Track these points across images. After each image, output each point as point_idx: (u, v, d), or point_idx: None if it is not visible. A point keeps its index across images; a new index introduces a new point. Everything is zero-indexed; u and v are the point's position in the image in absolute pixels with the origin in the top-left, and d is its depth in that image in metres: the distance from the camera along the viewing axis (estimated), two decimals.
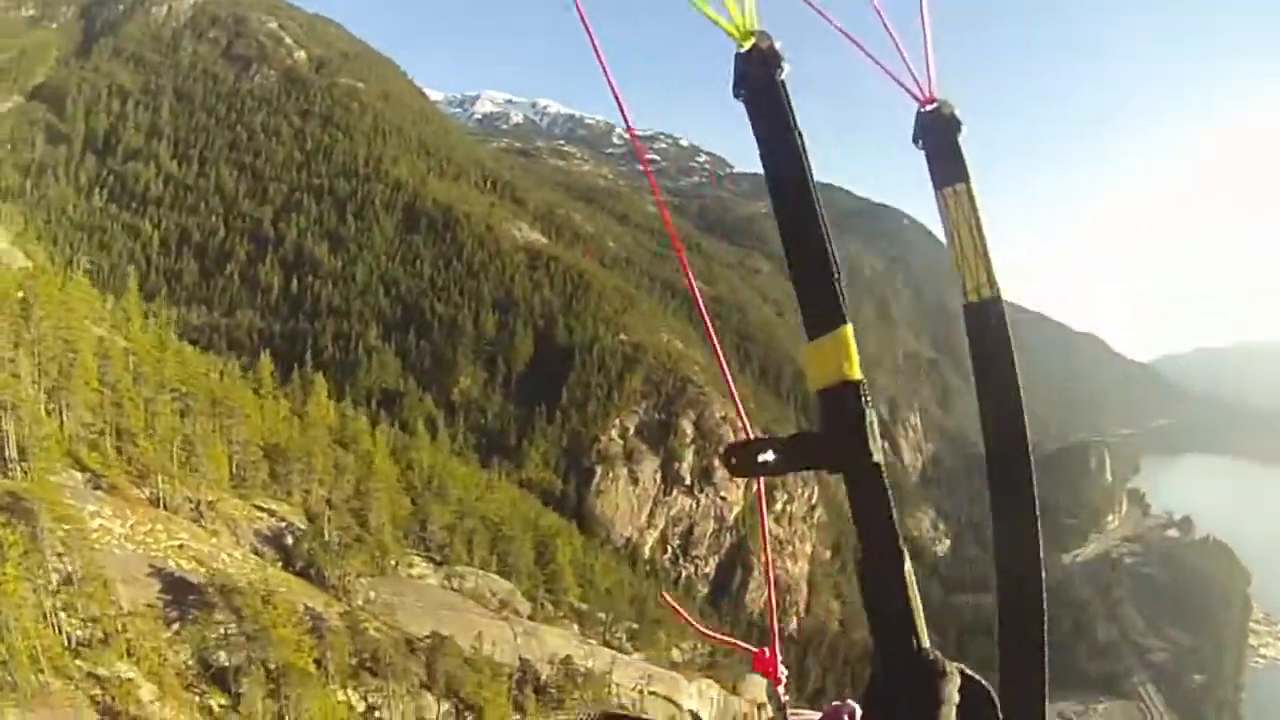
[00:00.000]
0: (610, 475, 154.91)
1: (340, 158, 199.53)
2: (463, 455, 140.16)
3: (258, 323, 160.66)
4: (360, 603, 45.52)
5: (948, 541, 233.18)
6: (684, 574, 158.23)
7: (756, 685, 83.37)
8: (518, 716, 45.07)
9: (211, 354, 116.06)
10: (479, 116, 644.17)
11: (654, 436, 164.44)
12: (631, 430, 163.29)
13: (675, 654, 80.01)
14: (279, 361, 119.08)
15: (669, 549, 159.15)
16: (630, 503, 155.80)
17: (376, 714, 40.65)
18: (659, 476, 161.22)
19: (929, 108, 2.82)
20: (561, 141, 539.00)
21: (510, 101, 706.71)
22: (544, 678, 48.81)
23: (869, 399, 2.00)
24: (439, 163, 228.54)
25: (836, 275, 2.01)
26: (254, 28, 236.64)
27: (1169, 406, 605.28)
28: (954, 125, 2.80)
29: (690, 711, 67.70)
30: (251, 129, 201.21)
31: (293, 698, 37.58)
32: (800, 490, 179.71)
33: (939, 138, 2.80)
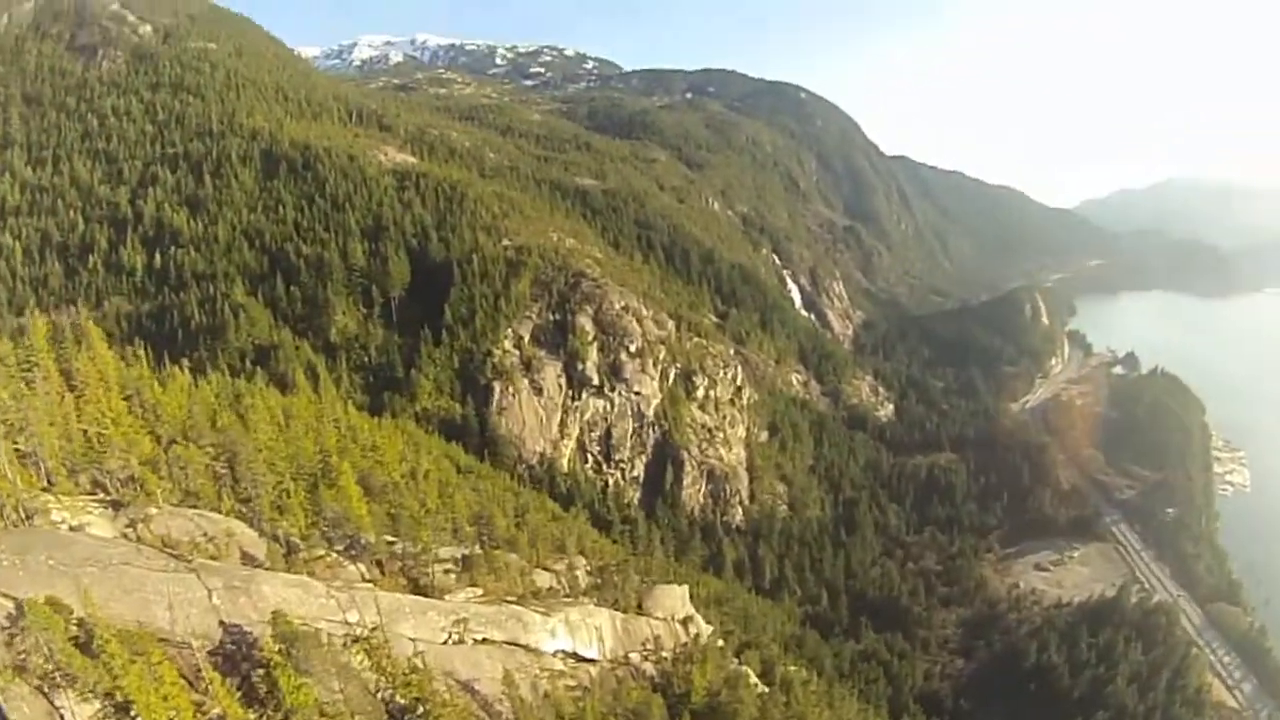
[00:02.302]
0: (510, 390, 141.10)
1: (193, 121, 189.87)
2: (351, 397, 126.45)
3: (125, 307, 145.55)
4: None
5: (890, 405, 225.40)
6: (610, 481, 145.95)
7: (669, 596, 63.05)
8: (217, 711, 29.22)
9: None
10: (358, 63, 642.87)
11: (552, 340, 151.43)
12: (527, 337, 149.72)
13: (542, 579, 61.08)
14: (150, 341, 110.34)
15: (589, 457, 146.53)
16: (537, 415, 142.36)
17: None
18: (564, 381, 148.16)
19: None
20: (442, 70, 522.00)
21: (389, 43, 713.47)
22: (257, 646, 31.59)
23: None
24: (297, 105, 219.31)
25: None
26: (96, 13, 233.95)
27: (1097, 248, 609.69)
28: None
29: (561, 653, 51.04)
30: (102, 114, 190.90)
31: None
32: (722, 372, 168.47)
33: None
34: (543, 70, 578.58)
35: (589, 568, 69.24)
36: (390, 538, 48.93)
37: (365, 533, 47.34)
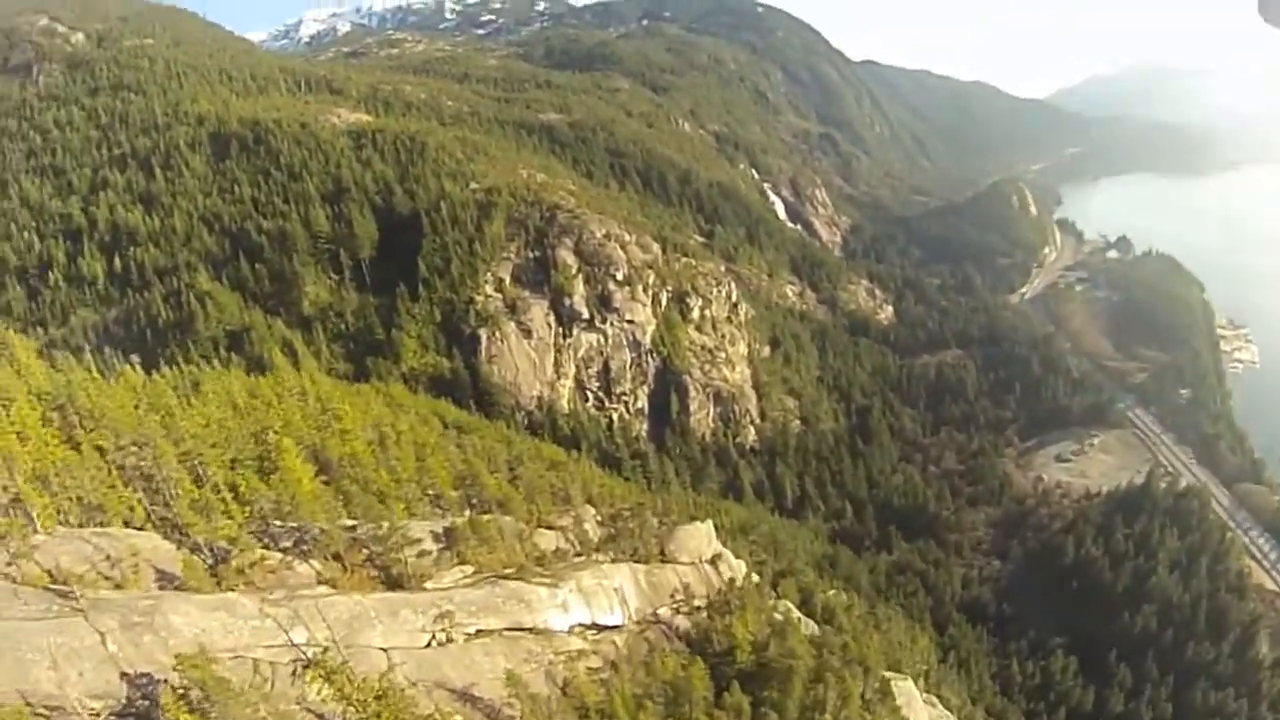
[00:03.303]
0: (498, 335, 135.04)
1: (137, 117, 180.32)
2: (333, 368, 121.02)
3: (91, 318, 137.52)
4: None
5: (889, 308, 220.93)
6: (614, 417, 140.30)
7: (694, 535, 53.11)
8: None
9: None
10: (306, 40, 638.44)
11: (534, 278, 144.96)
12: (507, 279, 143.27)
13: (545, 540, 50.59)
14: (121, 348, 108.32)
15: (589, 395, 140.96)
16: (529, 358, 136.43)
17: None
18: (552, 320, 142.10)
19: None
20: (392, 31, 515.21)
21: (335, 15, 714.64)
22: (158, 702, 22.32)
23: None
24: (242, 84, 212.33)
25: None
26: (25, 31, 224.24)
27: (1073, 137, 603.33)
28: None
29: (579, 627, 42.21)
30: (44, 129, 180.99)
31: None
32: (716, 290, 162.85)
33: None
34: (494, 17, 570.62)
35: (599, 517, 58.55)
36: (349, 521, 39.69)
37: (315, 521, 37.93)
